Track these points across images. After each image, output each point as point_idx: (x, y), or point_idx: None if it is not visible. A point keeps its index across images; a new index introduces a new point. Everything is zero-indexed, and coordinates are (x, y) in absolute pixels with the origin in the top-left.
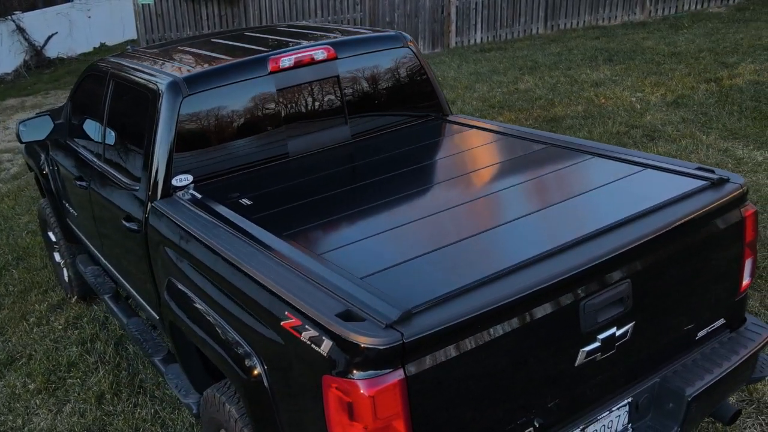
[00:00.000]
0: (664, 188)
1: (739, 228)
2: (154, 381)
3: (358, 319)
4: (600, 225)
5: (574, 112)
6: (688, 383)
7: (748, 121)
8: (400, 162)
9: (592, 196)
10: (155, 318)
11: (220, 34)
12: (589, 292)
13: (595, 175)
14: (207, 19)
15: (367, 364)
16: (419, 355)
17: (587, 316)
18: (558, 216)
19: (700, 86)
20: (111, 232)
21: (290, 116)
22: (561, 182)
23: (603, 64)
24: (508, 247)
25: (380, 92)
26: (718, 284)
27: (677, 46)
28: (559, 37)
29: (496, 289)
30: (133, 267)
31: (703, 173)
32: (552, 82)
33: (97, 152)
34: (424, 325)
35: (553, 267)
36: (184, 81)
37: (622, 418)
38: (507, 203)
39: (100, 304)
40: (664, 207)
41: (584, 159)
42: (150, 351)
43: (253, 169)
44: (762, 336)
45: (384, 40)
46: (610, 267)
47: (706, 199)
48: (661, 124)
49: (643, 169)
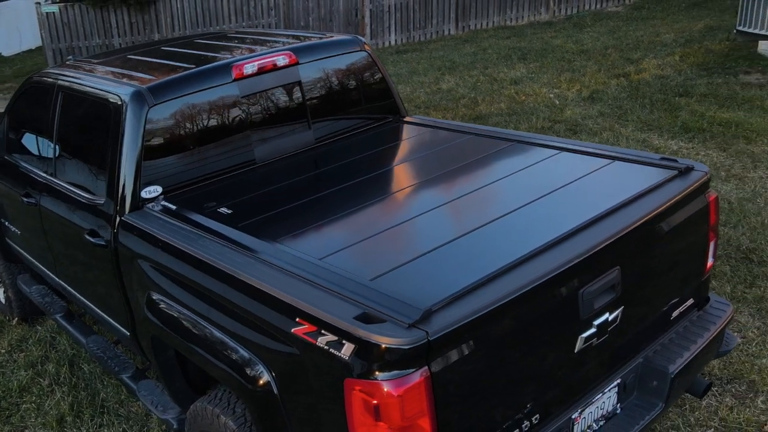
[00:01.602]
0: (638, 179)
1: (704, 213)
2: (116, 399)
3: (379, 321)
4: (588, 216)
5: (498, 109)
6: (669, 361)
7: (660, 112)
8: (371, 164)
9: (573, 189)
10: (125, 334)
11: (169, 42)
12: (587, 281)
13: (570, 170)
14: (117, 27)
15: (393, 365)
16: (441, 352)
17: (585, 304)
18: (545, 210)
19: (612, 81)
20: (68, 248)
21: (255, 123)
22: (538, 177)
23: (518, 62)
24: (506, 241)
25: (340, 96)
26: (689, 266)
27: (584, 44)
28: (472, 37)
29: (506, 282)
30: (97, 283)
31: (669, 163)
32: (473, 81)
33: (46, 167)
34: (445, 322)
35: (555, 258)
36: (148, 90)
37: (612, 399)
38: (491, 200)
39: (45, 324)
40: (642, 196)
41: (553, 154)
42: (116, 369)
43: (223, 178)
44: (727, 312)
45: (342, 44)
46: (604, 255)
47: (678, 187)
48: (581, 118)
49: (612, 162)
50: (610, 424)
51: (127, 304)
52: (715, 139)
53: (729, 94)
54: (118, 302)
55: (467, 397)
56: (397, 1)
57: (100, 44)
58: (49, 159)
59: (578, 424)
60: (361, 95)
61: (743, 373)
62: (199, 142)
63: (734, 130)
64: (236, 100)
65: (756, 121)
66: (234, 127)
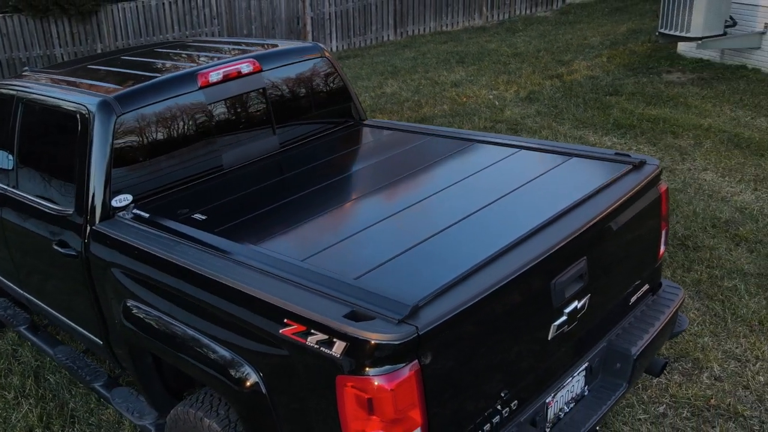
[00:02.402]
0: (597, 173)
1: (657, 203)
2: (86, 408)
3: (368, 318)
4: (555, 210)
5: (441, 111)
6: (631, 344)
7: (593, 111)
8: (339, 167)
9: (538, 185)
10: (97, 343)
11: (128, 52)
12: (558, 271)
13: (532, 166)
14: (58, 38)
15: (384, 360)
16: (430, 346)
17: (557, 293)
18: (515, 205)
19: (546, 82)
20: (33, 260)
21: (222, 130)
22: (504, 175)
23: (456, 65)
24: (480, 237)
25: (302, 101)
26: (645, 254)
27: (517, 47)
28: (410, 42)
29: (486, 276)
30: (66, 293)
31: (623, 158)
32: (415, 85)
33: (7, 179)
34: (433, 316)
35: (530, 251)
36: (115, 100)
37: (580, 382)
38: (461, 198)
39: (5, 338)
40: (603, 189)
41: (514, 152)
42: (88, 378)
43: (192, 184)
44: (679, 295)
45: (303, 51)
46: (573, 246)
47: (634, 180)
48: (520, 118)
49: (570, 158)
50: (579, 406)
51: (99, 312)
52: (645, 135)
53: (655, 93)
54: (90, 311)
55: (452, 387)
56: (337, 9)
57: (41, 55)
58: (9, 171)
59: (551, 408)
60: (322, 100)
61: (688, 352)
62: (167, 150)
63: (662, 125)
64: (202, 108)
65: (681, 116)
66: (201, 135)
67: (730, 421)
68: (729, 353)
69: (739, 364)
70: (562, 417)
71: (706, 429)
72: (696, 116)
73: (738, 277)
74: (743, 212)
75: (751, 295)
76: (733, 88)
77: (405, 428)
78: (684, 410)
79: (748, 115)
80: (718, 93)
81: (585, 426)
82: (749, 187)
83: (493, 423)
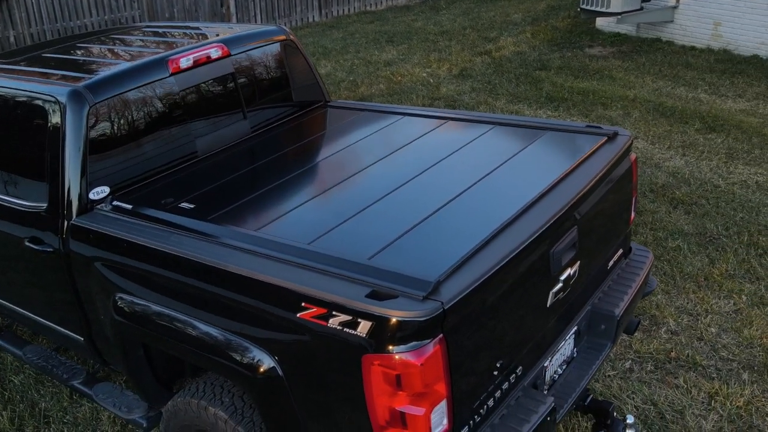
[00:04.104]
0: (576, 146)
1: (630, 172)
2: (59, 407)
3: (391, 297)
4: (548, 182)
5: (378, 90)
6: (614, 306)
7: (525, 86)
8: (317, 149)
9: (524, 158)
10: (77, 340)
11: (79, 39)
12: (556, 240)
13: (513, 141)
14: None
15: (411, 337)
16: (453, 320)
17: (555, 261)
18: (507, 179)
19: (476, 59)
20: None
21: (194, 116)
22: (487, 150)
23: (386, 45)
24: (481, 211)
25: (270, 85)
26: (620, 220)
27: (443, 25)
28: (336, 23)
29: (496, 248)
30: (40, 292)
31: (594, 130)
32: (348, 65)
33: None
34: (455, 291)
35: (532, 222)
36: (87, 89)
37: (570, 345)
38: (452, 174)
39: None
40: (586, 160)
41: (490, 128)
42: (65, 376)
43: (168, 173)
44: (649, 258)
45: (268, 33)
46: (567, 216)
47: (612, 150)
48: (456, 95)
49: (545, 132)
50: (570, 368)
51: (81, 309)
52: (577, 107)
53: (581, 66)
54: (70, 308)
55: (471, 358)
56: None
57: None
58: None
59: (548, 371)
60: (289, 83)
61: (645, 310)
62: (140, 140)
63: (592, 97)
64: (174, 95)
65: (608, 88)
66: (174, 122)
67: (691, 371)
68: (681, 309)
69: (692, 318)
70: (557, 379)
71: (670, 380)
72: (622, 88)
73: (680, 238)
74: (676, 176)
75: (693, 253)
76: (651, 60)
77: (432, 401)
78: (648, 364)
79: (669, 85)
80: (638, 65)
81: (580, 385)
82: (678, 153)
83: (503, 389)
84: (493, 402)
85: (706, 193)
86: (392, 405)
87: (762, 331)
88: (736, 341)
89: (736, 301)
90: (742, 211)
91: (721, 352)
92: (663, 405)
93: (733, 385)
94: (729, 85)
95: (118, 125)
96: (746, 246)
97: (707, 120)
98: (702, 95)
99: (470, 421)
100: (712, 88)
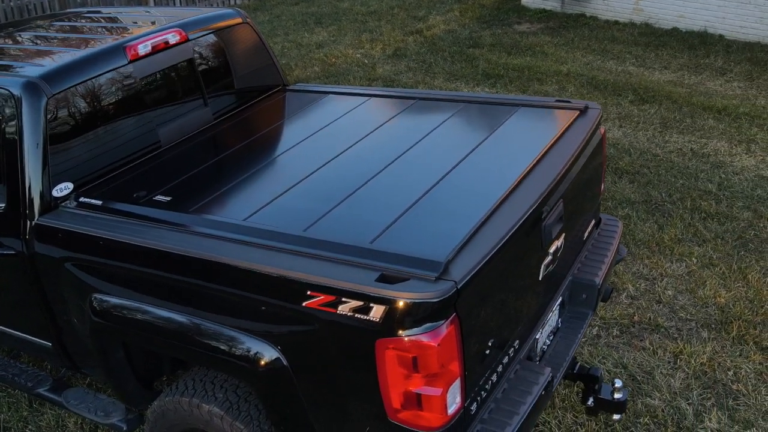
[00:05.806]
0: (553, 121)
1: (600, 144)
2: (18, 417)
3: (402, 280)
4: (533, 157)
5: (313, 73)
6: (593, 275)
7: (461, 63)
8: (287, 135)
9: (503, 134)
10: (43, 346)
11: (20, 25)
12: (546, 213)
13: (487, 119)
14: None
15: (426, 318)
16: (465, 299)
17: (546, 234)
18: (491, 156)
19: (409, 38)
20: None
21: (155, 105)
22: (464, 129)
23: (315, 26)
24: (472, 189)
25: (229, 70)
26: (593, 191)
27: (370, 5)
28: (260, 5)
29: (497, 224)
30: (2, 297)
31: (565, 104)
32: (279, 48)
33: None
34: (465, 269)
35: (525, 197)
36: (42, 80)
37: (556, 316)
38: (433, 154)
39: None
40: (564, 134)
41: (462, 107)
42: (30, 384)
43: (133, 165)
44: (618, 227)
45: (224, 17)
46: (555, 189)
47: (587, 123)
48: (393, 75)
49: (518, 108)
50: (557, 338)
51: (49, 313)
52: (513, 83)
53: (512, 43)
54: (35, 313)
55: (480, 335)
56: None
57: None
58: None
59: (539, 343)
60: (248, 67)
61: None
62: (101, 131)
63: (527, 73)
64: (133, 83)
65: (541, 64)
66: (135, 112)
67: (654, 333)
68: (638, 274)
69: (649, 283)
70: (546, 350)
71: (636, 343)
72: (554, 63)
73: (628, 206)
74: (617, 147)
75: (642, 221)
76: (579, 35)
77: (447, 381)
78: (614, 329)
79: (598, 59)
80: (567, 41)
81: (569, 354)
82: (615, 125)
83: (504, 364)
84: (497, 377)
85: (647, 162)
86: (408, 388)
87: (714, 290)
88: (692, 302)
89: (687, 263)
90: (682, 177)
91: (679, 313)
92: (633, 367)
93: (695, 344)
94: (654, 58)
95: (77, 117)
96: (690, 211)
97: (639, 92)
98: (631, 68)
99: (478, 398)
100: (639, 61)
